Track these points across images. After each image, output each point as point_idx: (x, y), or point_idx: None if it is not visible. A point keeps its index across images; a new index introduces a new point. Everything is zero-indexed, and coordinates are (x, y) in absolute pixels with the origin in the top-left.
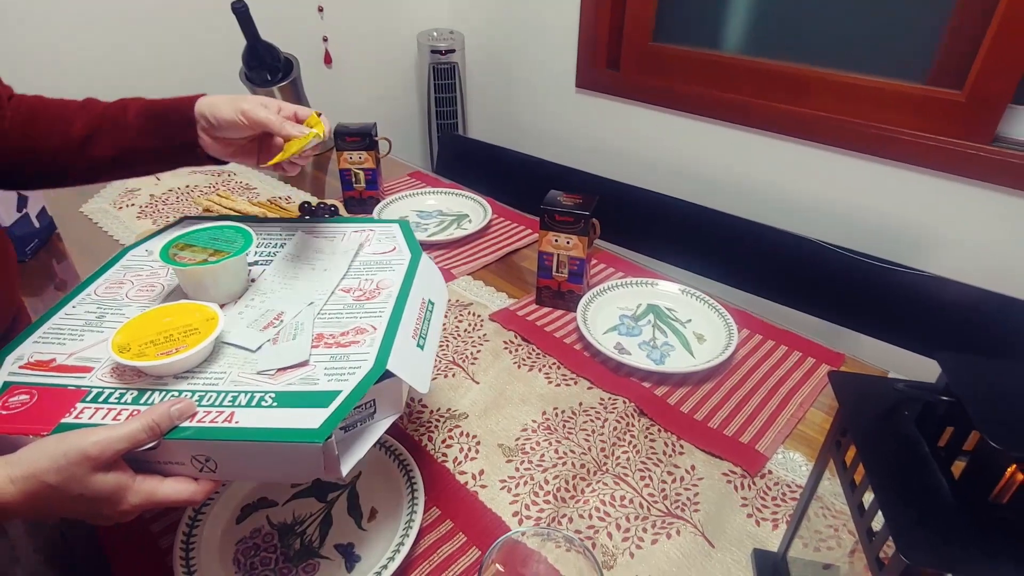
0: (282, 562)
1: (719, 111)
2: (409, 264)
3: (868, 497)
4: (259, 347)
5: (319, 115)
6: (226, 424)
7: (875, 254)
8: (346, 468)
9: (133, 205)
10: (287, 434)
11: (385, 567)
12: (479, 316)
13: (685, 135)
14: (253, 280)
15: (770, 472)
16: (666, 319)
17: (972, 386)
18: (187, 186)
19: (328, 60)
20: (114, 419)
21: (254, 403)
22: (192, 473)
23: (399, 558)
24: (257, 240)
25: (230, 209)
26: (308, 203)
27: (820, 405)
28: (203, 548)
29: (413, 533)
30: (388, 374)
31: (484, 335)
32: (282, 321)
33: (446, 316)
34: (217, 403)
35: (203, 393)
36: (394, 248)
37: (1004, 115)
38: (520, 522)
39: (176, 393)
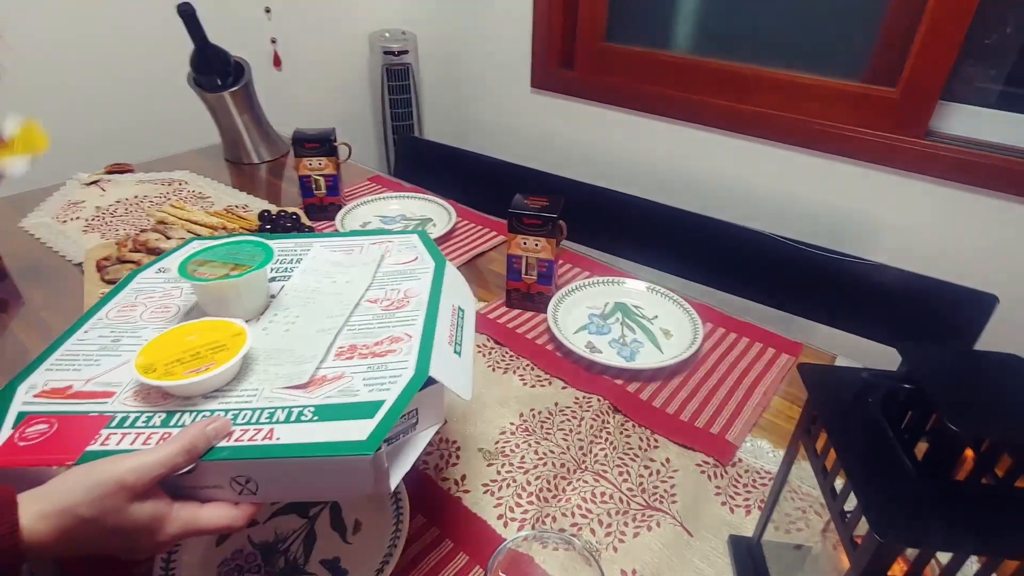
0: None
1: (670, 109)
2: (435, 272)
3: (839, 481)
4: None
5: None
6: (266, 441)
7: (821, 244)
8: (395, 481)
9: (78, 218)
10: (334, 447)
11: None
12: None
13: (638, 133)
14: (273, 296)
15: (740, 460)
16: (634, 316)
17: (931, 373)
18: (135, 196)
19: (277, 62)
20: (143, 444)
21: (293, 418)
22: (231, 497)
23: (388, 569)
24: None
25: (186, 220)
26: (268, 211)
27: (781, 392)
28: (183, 571)
29: (400, 543)
30: (430, 381)
31: None
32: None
33: None
34: (254, 421)
35: (237, 411)
36: (416, 258)
37: (935, 111)
38: (505, 525)
39: (208, 413)
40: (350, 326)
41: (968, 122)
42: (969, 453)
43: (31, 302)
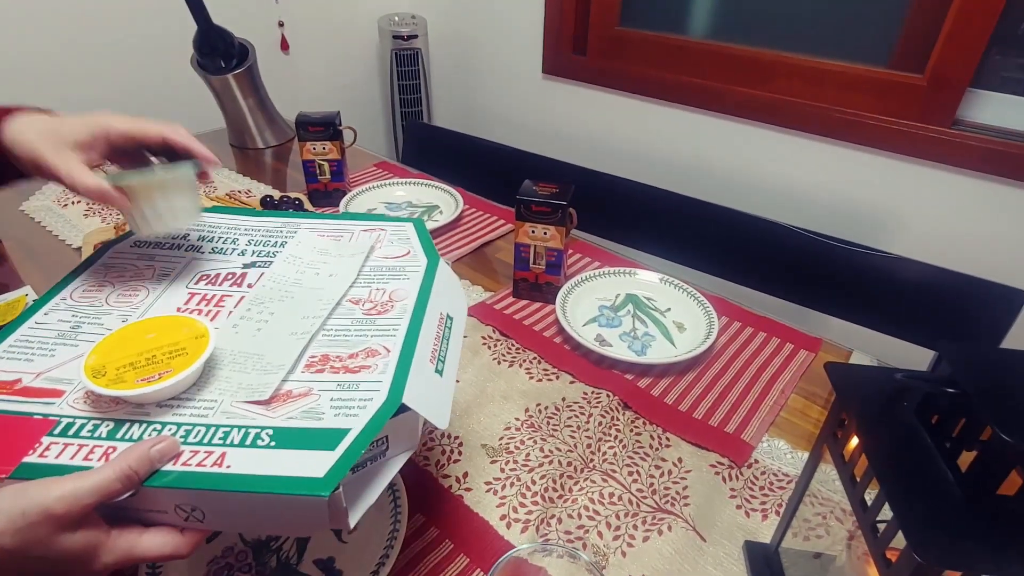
0: None
1: (686, 96)
2: (425, 272)
3: (871, 491)
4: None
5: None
6: (216, 469)
7: (841, 236)
8: (355, 518)
9: (79, 202)
10: (287, 484)
11: None
12: None
13: (652, 120)
14: (251, 286)
15: (756, 461)
16: (646, 309)
17: (978, 377)
18: None
19: (285, 46)
20: (85, 458)
21: (248, 442)
22: (177, 522)
23: (384, 571)
24: (255, 236)
25: None
26: (270, 197)
27: (799, 390)
28: (171, 571)
29: (397, 544)
30: (403, 407)
31: None
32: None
33: None
34: (206, 441)
35: (190, 427)
36: (408, 252)
37: (963, 99)
38: (508, 525)
39: (159, 427)
40: (326, 330)
41: (998, 111)
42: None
43: (31, 286)
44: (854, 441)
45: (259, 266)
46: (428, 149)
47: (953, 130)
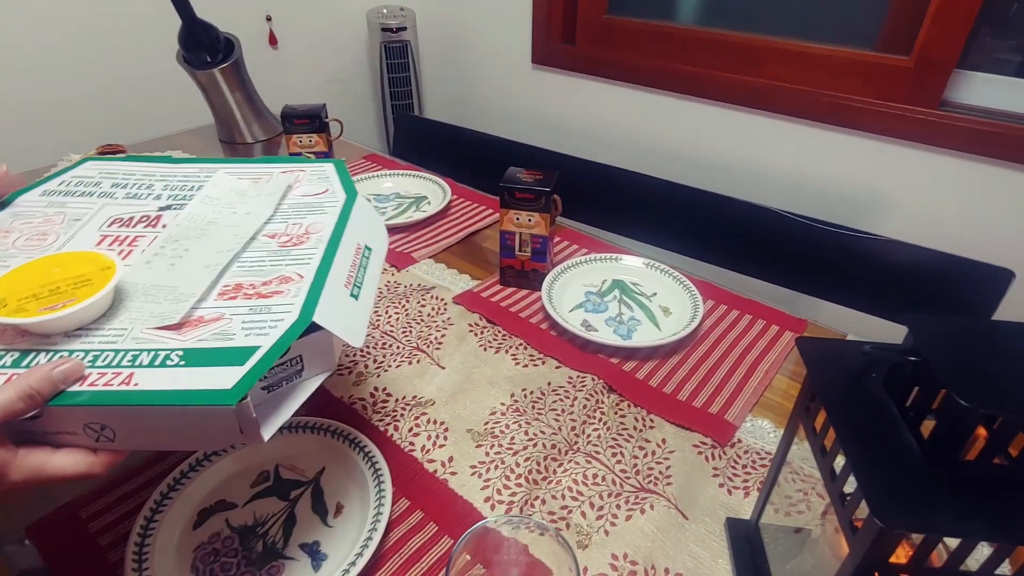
0: (244, 566)
1: (674, 83)
2: (343, 206)
3: (839, 462)
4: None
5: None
6: (123, 387)
7: (830, 220)
8: (268, 432)
9: None
10: (194, 396)
11: (353, 564)
12: (442, 300)
13: (642, 108)
14: (165, 226)
15: (739, 441)
16: (632, 294)
17: (938, 346)
18: None
19: (273, 41)
20: None
21: (158, 362)
22: (88, 443)
23: (367, 553)
24: (171, 182)
25: None
26: None
27: (785, 371)
28: (157, 557)
29: (381, 527)
30: (316, 327)
31: (448, 319)
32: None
33: (407, 300)
34: (114, 363)
35: (98, 353)
36: (327, 190)
37: (950, 80)
38: (492, 507)
39: (66, 353)
40: (240, 262)
41: (985, 91)
42: (981, 432)
43: None
44: (824, 413)
45: (175, 208)
46: (419, 141)
47: (940, 111)
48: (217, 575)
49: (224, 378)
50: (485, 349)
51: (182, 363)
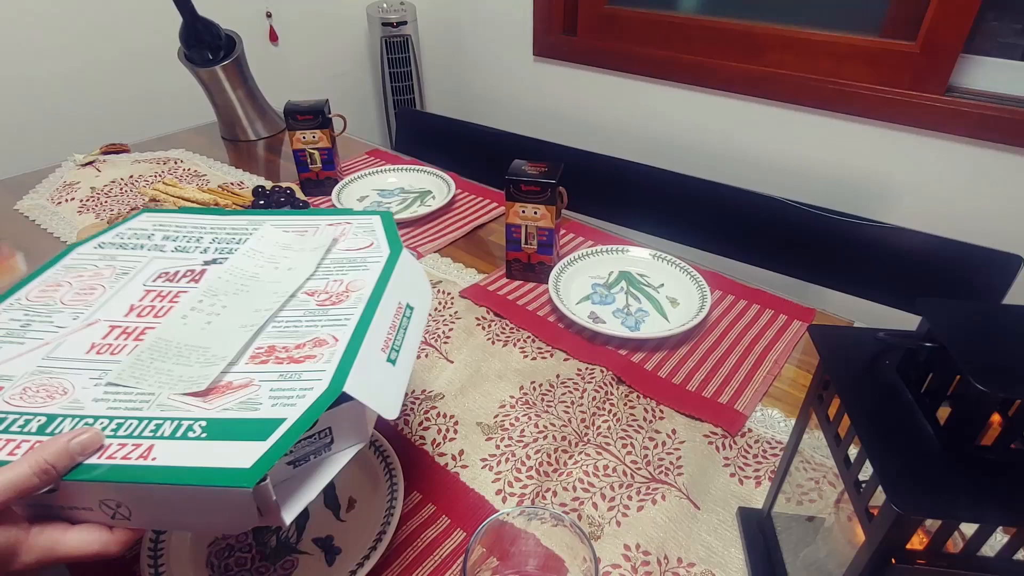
0: (258, 561)
1: (677, 73)
2: (387, 262)
3: (854, 449)
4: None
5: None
6: (140, 462)
7: (836, 208)
8: (290, 515)
9: (72, 199)
10: (210, 476)
11: (367, 557)
12: (449, 294)
13: (644, 99)
14: (203, 277)
15: (750, 430)
16: (639, 285)
17: (955, 331)
18: (131, 176)
19: (274, 37)
20: (10, 453)
21: (179, 434)
22: (103, 519)
23: (381, 547)
24: (220, 234)
25: (178, 197)
26: (262, 187)
27: (794, 361)
28: (172, 553)
29: (394, 520)
30: (348, 396)
31: (456, 313)
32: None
33: None
34: (136, 434)
35: (122, 420)
36: (372, 244)
37: (956, 65)
38: (504, 500)
39: (91, 421)
40: (276, 322)
41: (991, 76)
42: (996, 418)
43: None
44: (837, 401)
45: (219, 262)
46: (421, 135)
47: (947, 97)
48: (232, 570)
49: (244, 456)
50: (493, 342)
51: (204, 435)
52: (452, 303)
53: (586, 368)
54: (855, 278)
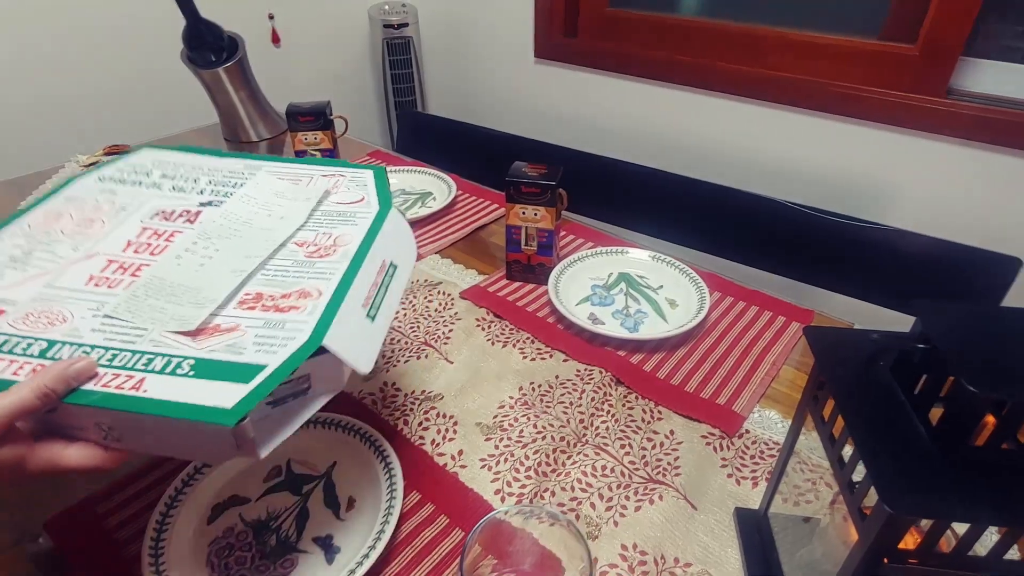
0: (258, 560)
1: (678, 75)
2: (375, 218)
3: (848, 450)
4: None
5: None
6: (132, 392)
7: (836, 210)
8: (265, 450)
9: None
10: (196, 411)
11: (367, 556)
12: (449, 295)
13: (645, 101)
14: (202, 222)
15: (747, 431)
16: (638, 287)
17: (948, 333)
18: None
19: (276, 39)
20: (14, 374)
21: (168, 369)
22: (97, 439)
23: (380, 546)
24: (216, 177)
25: None
26: None
27: (792, 362)
28: (173, 552)
29: (393, 519)
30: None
31: (455, 313)
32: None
33: (415, 296)
34: (129, 365)
35: (116, 351)
36: (363, 199)
37: (956, 68)
38: (502, 500)
39: (88, 350)
40: (265, 270)
41: (992, 79)
42: (990, 419)
43: None
44: (832, 402)
45: (215, 205)
46: (422, 137)
47: (947, 99)
48: (232, 569)
49: (227, 396)
50: (493, 343)
51: (191, 373)
52: (452, 304)
53: (585, 369)
54: (855, 280)
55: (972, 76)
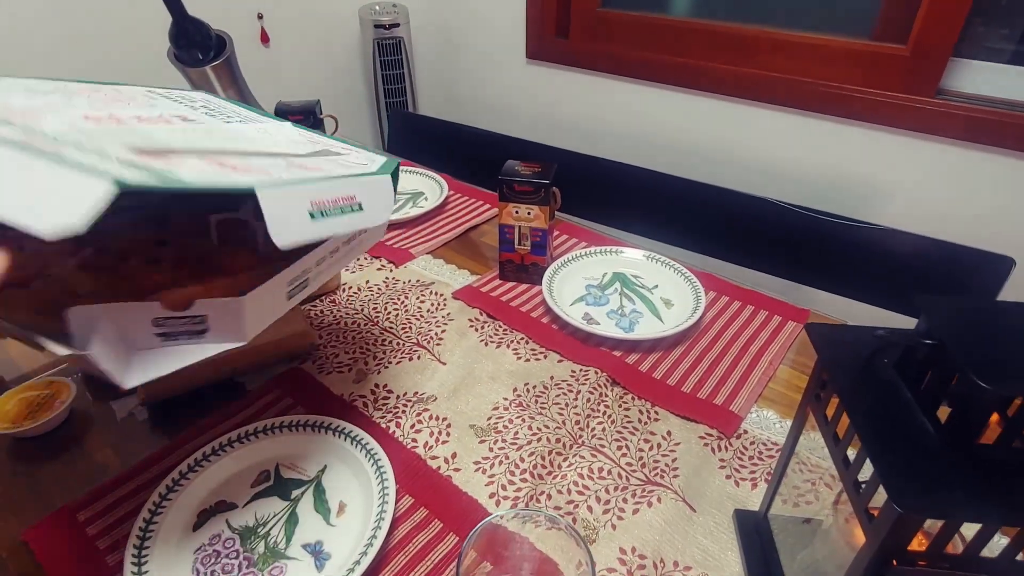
0: (246, 567)
1: (669, 76)
2: (367, 171)
3: (852, 450)
4: None
5: None
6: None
7: (827, 210)
8: (132, 380)
9: None
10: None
11: (358, 562)
12: (442, 295)
13: (637, 101)
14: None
15: (745, 432)
16: (633, 286)
17: (954, 328)
18: None
19: (265, 38)
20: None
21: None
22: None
23: (372, 552)
24: (246, 117)
25: None
26: None
27: (788, 362)
28: (157, 560)
29: (385, 525)
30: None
31: (448, 314)
32: None
33: (407, 296)
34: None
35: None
36: (365, 164)
37: (946, 68)
38: (497, 503)
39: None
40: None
41: (981, 79)
42: (993, 417)
43: None
44: (836, 400)
45: (232, 121)
46: (413, 137)
47: (937, 100)
48: None
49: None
50: (486, 344)
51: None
52: (445, 304)
53: (580, 370)
54: (847, 280)
55: (962, 77)
